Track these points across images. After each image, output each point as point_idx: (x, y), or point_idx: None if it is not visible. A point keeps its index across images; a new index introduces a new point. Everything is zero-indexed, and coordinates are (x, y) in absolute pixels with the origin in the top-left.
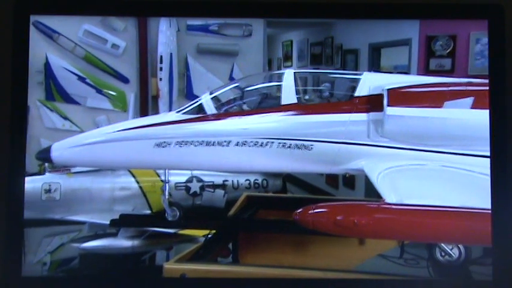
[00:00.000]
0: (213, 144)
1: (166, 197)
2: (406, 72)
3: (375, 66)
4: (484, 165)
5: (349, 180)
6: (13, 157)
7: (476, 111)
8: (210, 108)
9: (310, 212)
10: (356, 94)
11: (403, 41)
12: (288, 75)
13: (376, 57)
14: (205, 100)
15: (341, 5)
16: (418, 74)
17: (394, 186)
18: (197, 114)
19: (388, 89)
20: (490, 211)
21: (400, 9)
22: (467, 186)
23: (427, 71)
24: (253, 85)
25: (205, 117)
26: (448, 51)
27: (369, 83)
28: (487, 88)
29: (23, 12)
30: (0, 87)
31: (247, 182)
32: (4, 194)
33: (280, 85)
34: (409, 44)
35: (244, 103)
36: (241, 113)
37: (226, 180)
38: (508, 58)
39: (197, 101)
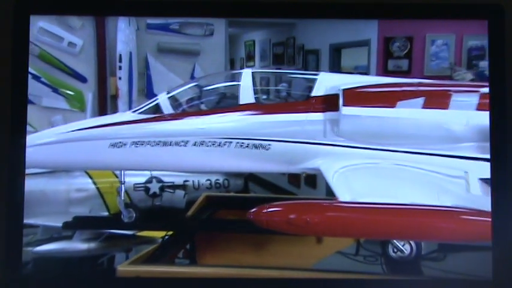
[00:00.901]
0: (170, 144)
1: (122, 198)
2: (366, 72)
3: (336, 67)
4: (434, 163)
5: (311, 179)
6: (13, 157)
7: (426, 110)
8: (167, 108)
9: (264, 211)
10: (313, 94)
11: (362, 42)
12: (246, 75)
13: (336, 58)
14: (162, 100)
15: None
16: (377, 74)
17: (348, 185)
18: (154, 114)
19: (343, 89)
20: (440, 208)
21: (400, 9)
22: (418, 184)
23: (385, 72)
24: (211, 84)
25: (162, 117)
26: (405, 52)
27: (325, 83)
28: (437, 88)
29: (23, 12)
30: (0, 87)
31: (208, 182)
32: (4, 194)
33: (238, 85)
34: (368, 45)
35: (202, 103)
36: (199, 112)
37: (187, 181)
38: (508, 58)
39: (153, 101)
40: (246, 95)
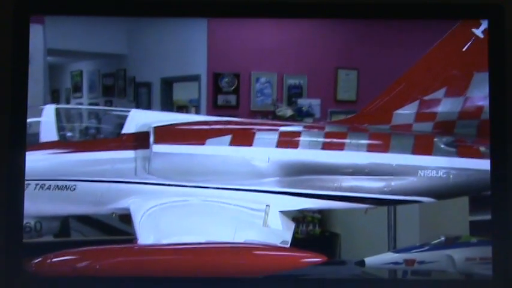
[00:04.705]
0: None
1: None
2: (196, 106)
3: (168, 100)
4: (241, 198)
5: None
6: (13, 157)
7: (233, 147)
8: None
9: (48, 261)
10: (123, 131)
11: (193, 77)
12: (48, 111)
13: (168, 91)
14: None
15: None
16: (208, 108)
17: (154, 226)
18: None
19: (154, 127)
20: (234, 244)
21: (402, 9)
22: (223, 219)
23: (215, 107)
24: None
25: None
26: (233, 88)
27: (136, 120)
28: (243, 126)
29: (23, 12)
30: (0, 87)
31: None
32: (4, 194)
33: (39, 121)
34: (198, 80)
35: None
36: None
37: None
38: (508, 58)
39: None
40: (48, 132)
